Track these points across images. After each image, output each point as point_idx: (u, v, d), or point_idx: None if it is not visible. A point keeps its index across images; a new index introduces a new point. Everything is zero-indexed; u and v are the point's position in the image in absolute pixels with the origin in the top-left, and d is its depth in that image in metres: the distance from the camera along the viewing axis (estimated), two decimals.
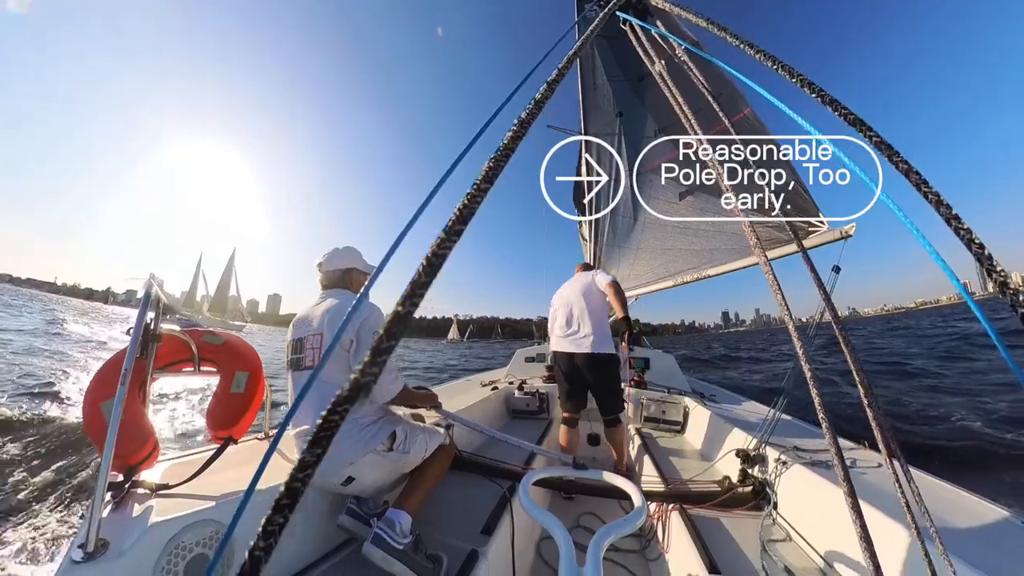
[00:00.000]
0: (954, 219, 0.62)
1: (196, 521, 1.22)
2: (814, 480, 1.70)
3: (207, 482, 1.42)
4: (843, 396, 7.15)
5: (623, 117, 4.65)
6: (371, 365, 0.29)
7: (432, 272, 0.33)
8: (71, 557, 1.00)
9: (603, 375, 2.67)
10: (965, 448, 4.73)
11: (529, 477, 1.25)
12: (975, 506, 1.41)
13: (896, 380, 9.98)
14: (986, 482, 3.87)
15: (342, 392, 0.30)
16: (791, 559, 1.52)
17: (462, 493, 1.98)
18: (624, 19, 1.38)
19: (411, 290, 0.31)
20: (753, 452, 2.06)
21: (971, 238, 0.59)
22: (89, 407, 1.39)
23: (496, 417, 3.75)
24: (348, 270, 1.80)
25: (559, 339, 2.81)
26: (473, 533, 1.61)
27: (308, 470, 0.30)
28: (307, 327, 1.65)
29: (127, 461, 1.36)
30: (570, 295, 2.84)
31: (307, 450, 0.30)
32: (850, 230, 2.70)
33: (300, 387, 1.64)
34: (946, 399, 7.31)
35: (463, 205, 0.37)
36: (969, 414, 6.06)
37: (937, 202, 0.63)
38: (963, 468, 4.27)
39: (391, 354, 0.30)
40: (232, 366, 1.75)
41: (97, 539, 1.02)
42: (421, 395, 1.94)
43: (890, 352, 17.14)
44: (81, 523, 1.08)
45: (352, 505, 1.57)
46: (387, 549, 1.30)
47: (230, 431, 1.66)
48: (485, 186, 0.39)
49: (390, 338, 0.30)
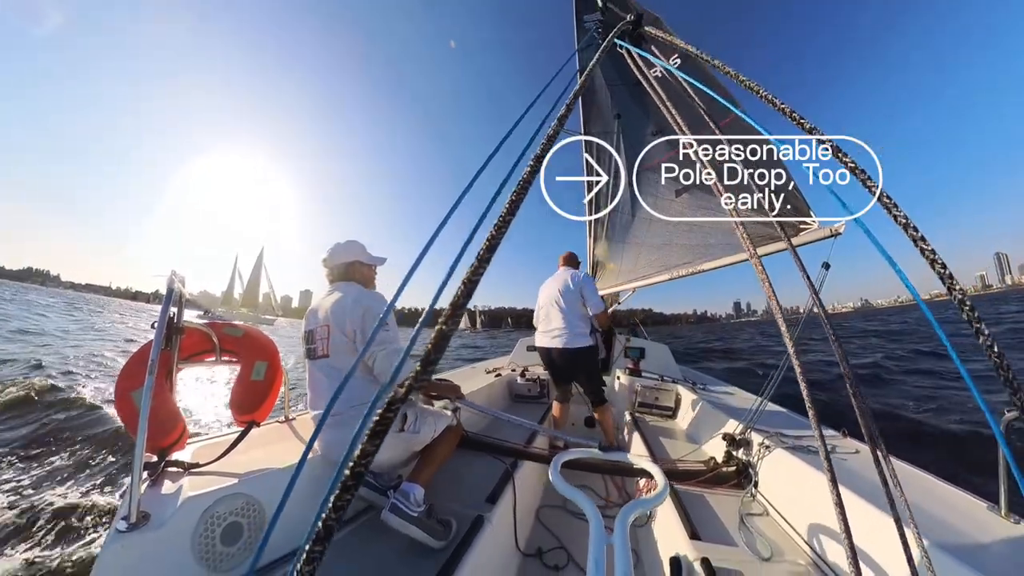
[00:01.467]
0: (921, 240, 0.68)
1: (227, 495, 1.31)
2: (794, 463, 1.77)
3: (234, 461, 1.50)
4: (827, 388, 7.27)
5: (621, 119, 4.66)
6: (422, 374, 0.35)
7: (468, 294, 0.38)
8: (116, 528, 1.08)
9: (578, 366, 2.87)
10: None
11: (559, 457, 1.30)
12: (948, 494, 1.47)
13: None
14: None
15: (396, 394, 0.35)
16: (767, 532, 1.60)
17: (469, 468, 2.09)
18: (621, 46, 1.43)
19: (452, 311, 0.37)
20: (739, 436, 2.14)
21: (934, 259, 0.66)
22: (120, 396, 1.45)
23: (500, 401, 3.89)
24: (351, 263, 1.84)
25: (540, 335, 3.01)
26: (479, 502, 1.73)
27: (368, 457, 0.36)
28: (315, 320, 1.72)
29: (159, 444, 1.43)
30: (549, 294, 2.97)
31: (367, 441, 0.36)
32: (839, 228, 2.74)
33: (315, 375, 1.70)
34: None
35: (491, 235, 0.42)
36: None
37: (905, 224, 0.69)
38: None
39: (436, 363, 0.36)
40: (252, 356, 1.80)
41: (138, 512, 1.10)
42: (444, 386, 2.04)
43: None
44: (122, 499, 1.14)
45: (370, 479, 1.66)
46: (403, 516, 1.42)
47: (252, 415, 1.74)
48: (509, 218, 0.44)
49: (437, 351, 0.35)
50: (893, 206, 0.75)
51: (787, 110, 0.87)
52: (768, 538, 1.54)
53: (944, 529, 1.17)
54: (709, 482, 2.01)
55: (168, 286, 1.35)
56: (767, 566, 1.39)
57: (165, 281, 1.37)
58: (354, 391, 1.60)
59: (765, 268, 1.28)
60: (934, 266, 0.69)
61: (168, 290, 1.34)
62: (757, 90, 0.94)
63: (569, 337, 2.80)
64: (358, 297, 1.69)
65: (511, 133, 0.84)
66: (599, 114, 5.06)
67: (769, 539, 1.53)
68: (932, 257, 0.69)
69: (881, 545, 1.17)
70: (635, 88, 4.45)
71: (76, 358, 9.04)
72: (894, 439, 4.64)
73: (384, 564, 1.39)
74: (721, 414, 2.65)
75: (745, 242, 1.27)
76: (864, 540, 1.15)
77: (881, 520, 1.19)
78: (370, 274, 1.91)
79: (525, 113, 0.90)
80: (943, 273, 0.67)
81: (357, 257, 1.85)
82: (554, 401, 3.10)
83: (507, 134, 0.84)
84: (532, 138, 0.59)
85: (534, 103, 0.93)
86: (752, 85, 0.96)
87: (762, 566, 1.38)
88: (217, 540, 1.24)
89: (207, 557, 1.21)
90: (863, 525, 1.21)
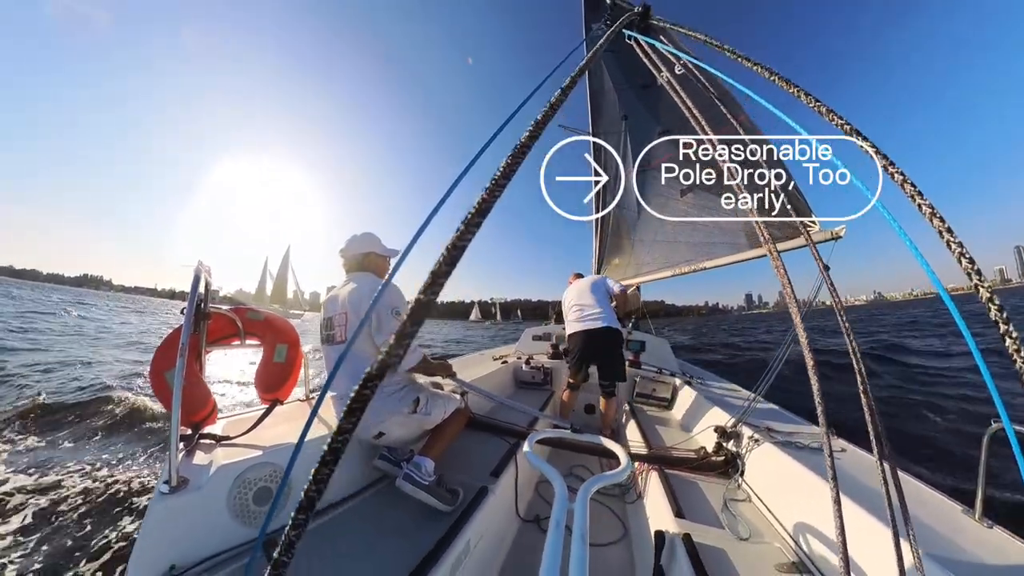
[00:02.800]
0: (947, 231, 0.58)
1: (257, 463, 1.37)
2: (781, 457, 1.75)
3: (260, 435, 1.54)
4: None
5: (628, 120, 4.54)
6: (396, 347, 0.29)
7: (452, 262, 0.32)
8: (159, 490, 1.14)
9: (612, 345, 2.93)
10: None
11: (534, 436, 1.34)
12: (928, 496, 1.41)
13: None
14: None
15: (371, 371, 0.30)
16: (748, 516, 1.61)
17: (476, 446, 2.13)
18: (630, 35, 1.35)
19: (432, 279, 0.31)
20: (730, 429, 2.11)
21: (962, 252, 0.56)
22: (154, 376, 1.48)
23: (505, 386, 3.85)
24: (366, 254, 1.82)
25: (574, 323, 3.03)
26: (484, 475, 1.79)
27: (346, 434, 0.31)
28: (334, 307, 1.71)
29: (192, 419, 1.46)
30: (581, 290, 3.08)
31: (343, 419, 0.31)
32: (840, 232, 2.61)
33: (333, 358, 1.70)
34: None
35: (482, 199, 0.36)
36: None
37: (931, 214, 0.59)
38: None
39: (414, 337, 0.30)
40: (273, 339, 1.80)
41: (178, 477, 1.16)
42: (438, 365, 2.00)
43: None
44: (162, 467, 1.18)
45: (385, 453, 1.71)
46: (415, 483, 1.50)
47: (276, 394, 1.75)
48: (503, 181, 0.38)
49: (413, 323, 0.30)
50: (917, 194, 0.65)
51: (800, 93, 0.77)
52: (748, 521, 1.55)
53: (922, 530, 1.12)
54: (698, 469, 2.01)
55: (195, 275, 1.35)
56: (744, 545, 1.41)
57: (192, 271, 1.38)
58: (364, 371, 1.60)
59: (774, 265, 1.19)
60: (961, 260, 0.59)
61: (195, 278, 1.34)
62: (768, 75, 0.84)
63: (607, 318, 2.89)
64: (374, 287, 1.69)
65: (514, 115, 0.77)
66: (606, 115, 4.95)
67: (749, 522, 1.54)
68: (960, 251, 0.59)
69: (863, 542, 1.13)
70: (642, 91, 4.32)
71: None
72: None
73: (399, 524, 1.46)
74: (715, 407, 2.62)
75: (763, 235, 1.17)
76: (827, 525, 1.17)
77: (867, 521, 1.16)
78: (384, 265, 1.90)
79: (529, 97, 0.83)
80: (970, 269, 0.57)
81: (372, 248, 1.84)
82: (567, 387, 3.11)
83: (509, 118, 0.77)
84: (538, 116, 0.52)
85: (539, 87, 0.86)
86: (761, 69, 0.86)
87: (739, 544, 1.41)
88: (250, 501, 1.31)
89: (241, 515, 1.28)
90: (850, 524, 1.19)
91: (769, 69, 0.84)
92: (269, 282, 78.67)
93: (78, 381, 6.10)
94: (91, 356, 8.51)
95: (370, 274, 1.80)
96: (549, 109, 0.48)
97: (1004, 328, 0.53)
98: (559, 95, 0.51)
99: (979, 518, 1.21)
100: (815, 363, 0.93)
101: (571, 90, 0.54)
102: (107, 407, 4.82)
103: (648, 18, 1.49)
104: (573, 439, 1.67)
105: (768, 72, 0.73)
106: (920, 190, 0.64)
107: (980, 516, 1.21)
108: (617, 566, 1.67)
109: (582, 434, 1.70)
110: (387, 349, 0.30)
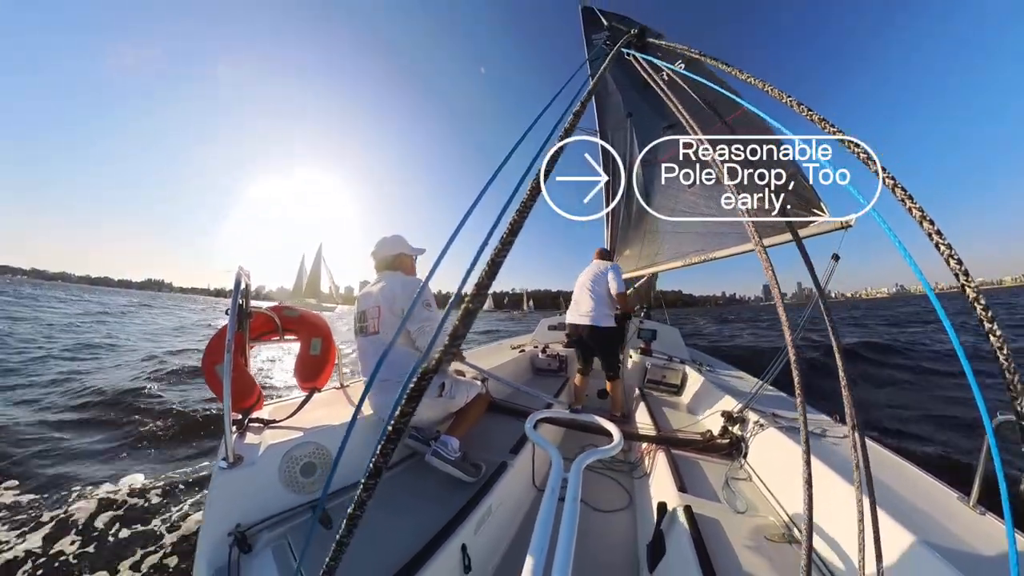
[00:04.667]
0: (936, 234, 0.62)
1: (302, 442, 1.51)
2: (783, 441, 1.79)
3: (302, 419, 1.68)
4: (833, 375, 6.83)
5: (632, 117, 4.50)
6: (451, 346, 0.35)
7: (493, 275, 0.38)
8: (219, 466, 1.28)
9: (600, 342, 3.03)
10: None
11: (535, 415, 1.43)
12: (922, 481, 1.44)
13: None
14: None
15: (428, 366, 0.37)
16: (747, 493, 1.65)
17: (497, 427, 2.24)
18: (628, 53, 1.39)
19: (476, 291, 0.37)
20: (736, 414, 2.14)
21: (951, 254, 0.59)
22: (207, 369, 1.60)
23: (523, 373, 3.98)
24: (396, 255, 1.94)
25: (572, 314, 3.18)
26: (504, 452, 1.91)
27: (407, 416, 0.38)
28: (367, 302, 1.83)
29: (241, 405, 1.59)
30: (583, 281, 3.16)
31: (405, 403, 0.38)
32: (851, 221, 2.56)
33: (365, 347, 1.82)
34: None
35: (513, 220, 0.42)
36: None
37: (922, 217, 0.62)
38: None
39: (463, 338, 0.37)
40: (309, 334, 1.91)
41: (234, 454, 1.30)
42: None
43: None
44: (219, 446, 1.33)
45: (414, 433, 1.84)
46: (443, 459, 1.63)
47: (314, 383, 1.87)
48: (530, 203, 0.44)
49: (464, 327, 0.36)
50: (908, 198, 0.68)
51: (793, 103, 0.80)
52: (747, 498, 1.60)
53: (907, 508, 1.18)
54: (703, 450, 2.07)
55: (236, 278, 1.45)
56: (740, 517, 1.48)
57: (233, 275, 1.48)
58: (400, 361, 1.72)
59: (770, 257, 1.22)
60: (949, 262, 0.63)
61: (236, 282, 1.45)
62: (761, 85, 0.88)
63: (596, 317, 2.97)
64: (405, 283, 1.81)
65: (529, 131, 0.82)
66: (612, 113, 4.91)
67: (747, 498, 1.59)
68: (949, 252, 0.62)
69: (844, 515, 1.17)
70: (644, 90, 4.27)
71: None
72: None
73: (430, 492, 1.59)
74: (722, 393, 2.65)
75: (751, 232, 1.20)
76: (830, 510, 1.22)
77: (848, 493, 1.19)
78: (411, 264, 2.01)
79: (541, 114, 0.88)
80: (958, 270, 0.60)
81: (401, 250, 1.95)
82: (577, 373, 3.26)
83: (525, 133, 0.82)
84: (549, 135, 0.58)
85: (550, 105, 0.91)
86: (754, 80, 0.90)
87: (735, 516, 1.48)
88: (298, 473, 1.46)
89: (291, 484, 1.43)
90: (831, 497, 1.27)
91: (763, 80, 0.87)
92: (305, 279, 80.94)
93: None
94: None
95: (398, 272, 1.91)
96: (564, 134, 0.53)
97: (988, 327, 0.57)
98: (572, 120, 0.56)
99: (973, 505, 1.23)
100: (797, 357, 0.98)
101: (582, 114, 0.59)
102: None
103: (644, 38, 1.52)
104: (569, 417, 1.77)
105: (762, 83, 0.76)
106: (911, 194, 0.67)
107: (974, 503, 1.23)
108: (622, 530, 1.79)
109: (579, 414, 1.78)
110: (442, 349, 0.36)
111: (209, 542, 1.17)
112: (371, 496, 0.42)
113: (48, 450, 3.46)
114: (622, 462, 2.31)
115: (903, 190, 0.64)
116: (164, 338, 11.95)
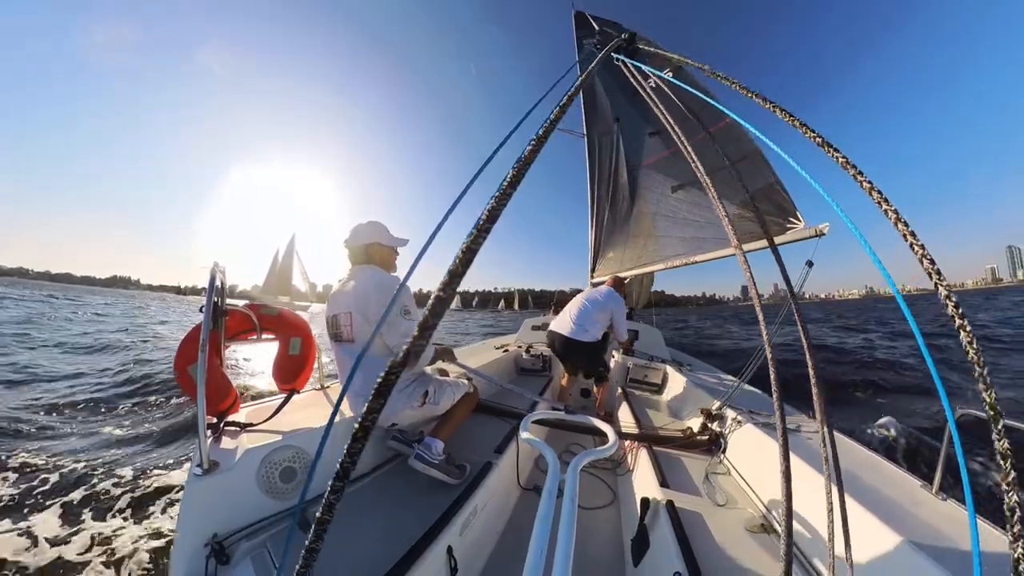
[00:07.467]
0: (911, 235, 0.62)
1: (281, 446, 1.43)
2: (759, 436, 1.83)
3: (281, 422, 1.61)
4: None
5: (620, 123, 4.55)
6: (419, 338, 0.32)
7: (467, 263, 0.35)
8: (193, 472, 1.19)
9: (576, 354, 3.06)
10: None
11: (530, 416, 1.40)
12: (889, 471, 1.50)
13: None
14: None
15: (396, 359, 0.33)
16: (727, 487, 1.70)
17: (481, 427, 2.22)
18: (618, 58, 1.39)
19: (449, 279, 0.34)
20: (715, 411, 2.19)
21: (924, 253, 0.59)
22: (179, 370, 1.48)
23: (507, 373, 3.96)
24: (368, 245, 1.70)
25: (556, 320, 3.21)
26: (488, 452, 1.88)
27: (374, 413, 0.34)
28: (337, 305, 1.66)
29: (217, 408, 1.49)
30: (584, 296, 3.21)
31: (372, 399, 0.35)
32: (824, 229, 2.63)
33: (342, 356, 1.67)
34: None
35: (491, 207, 0.39)
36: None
37: (896, 219, 0.62)
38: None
39: (434, 330, 0.34)
40: (288, 333, 1.80)
41: (209, 460, 1.21)
42: (442, 350, 1.95)
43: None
44: (192, 451, 1.24)
45: (397, 434, 1.77)
46: (425, 462, 1.56)
47: (293, 384, 1.77)
48: (510, 190, 0.41)
49: (434, 317, 0.33)
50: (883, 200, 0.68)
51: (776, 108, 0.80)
52: (726, 491, 1.64)
53: (876, 497, 1.24)
54: (684, 447, 2.11)
55: (211, 275, 1.37)
56: (720, 510, 1.51)
57: (208, 272, 1.40)
58: (377, 370, 1.59)
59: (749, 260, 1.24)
60: (923, 262, 0.63)
61: (211, 278, 1.37)
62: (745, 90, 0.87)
63: (576, 331, 2.98)
64: (380, 283, 1.60)
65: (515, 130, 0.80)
66: (600, 118, 4.97)
67: (727, 492, 1.64)
68: (922, 252, 0.62)
69: (817, 506, 1.20)
70: (633, 97, 4.33)
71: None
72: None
73: (413, 495, 1.54)
74: (702, 392, 2.69)
75: (732, 237, 1.22)
76: (804, 501, 1.25)
77: (820, 484, 1.22)
78: (390, 256, 1.78)
79: (529, 112, 0.86)
80: (931, 269, 0.60)
81: (376, 239, 1.71)
82: (565, 373, 3.28)
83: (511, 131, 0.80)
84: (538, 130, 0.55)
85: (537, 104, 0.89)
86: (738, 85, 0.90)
87: (716, 509, 1.50)
88: (277, 478, 1.39)
89: (270, 490, 1.36)
90: (804, 488, 1.29)
91: (746, 88, 0.87)
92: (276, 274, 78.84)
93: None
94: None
95: (373, 267, 1.69)
96: (549, 125, 0.51)
97: (959, 323, 0.57)
98: (558, 112, 0.54)
99: (936, 492, 1.29)
100: (774, 357, 0.98)
101: (567, 107, 0.57)
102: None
103: (634, 43, 1.54)
104: (566, 419, 1.74)
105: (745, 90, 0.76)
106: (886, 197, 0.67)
107: (937, 490, 1.30)
108: (607, 526, 1.79)
109: (575, 415, 1.76)
110: (411, 339, 0.33)
111: (183, 555, 1.10)
112: (339, 499, 0.39)
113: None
114: (606, 460, 2.34)
115: (879, 192, 0.64)
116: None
